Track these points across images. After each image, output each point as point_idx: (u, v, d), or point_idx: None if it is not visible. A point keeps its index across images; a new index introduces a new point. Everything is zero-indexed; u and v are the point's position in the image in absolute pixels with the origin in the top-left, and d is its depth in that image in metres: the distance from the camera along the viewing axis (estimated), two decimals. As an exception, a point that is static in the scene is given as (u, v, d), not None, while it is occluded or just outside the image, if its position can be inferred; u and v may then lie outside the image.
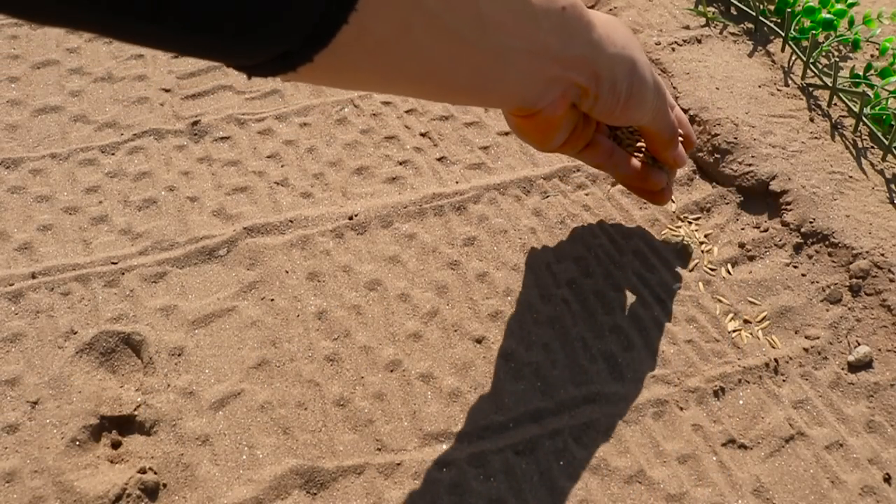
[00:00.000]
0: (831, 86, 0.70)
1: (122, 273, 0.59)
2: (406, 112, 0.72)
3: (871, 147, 0.68)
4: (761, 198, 0.64)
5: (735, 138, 0.66)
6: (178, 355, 0.55)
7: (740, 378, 0.54)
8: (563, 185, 0.66)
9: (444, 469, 0.50)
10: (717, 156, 0.66)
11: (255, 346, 0.55)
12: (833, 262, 0.59)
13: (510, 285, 0.59)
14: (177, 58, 0.77)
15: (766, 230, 0.62)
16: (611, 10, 0.79)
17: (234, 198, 0.65)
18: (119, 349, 0.55)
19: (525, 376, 0.54)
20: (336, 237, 0.62)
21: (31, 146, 0.69)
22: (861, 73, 0.74)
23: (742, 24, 0.80)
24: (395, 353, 0.55)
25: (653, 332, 0.57)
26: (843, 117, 0.71)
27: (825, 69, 0.75)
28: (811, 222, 0.61)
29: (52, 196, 0.65)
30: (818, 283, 0.59)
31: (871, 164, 0.67)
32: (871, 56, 0.78)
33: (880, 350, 0.55)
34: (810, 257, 0.60)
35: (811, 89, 0.73)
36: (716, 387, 0.53)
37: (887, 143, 0.67)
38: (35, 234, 0.62)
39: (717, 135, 0.66)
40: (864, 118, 0.69)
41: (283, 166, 0.67)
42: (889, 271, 0.57)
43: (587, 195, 0.65)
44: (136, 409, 0.52)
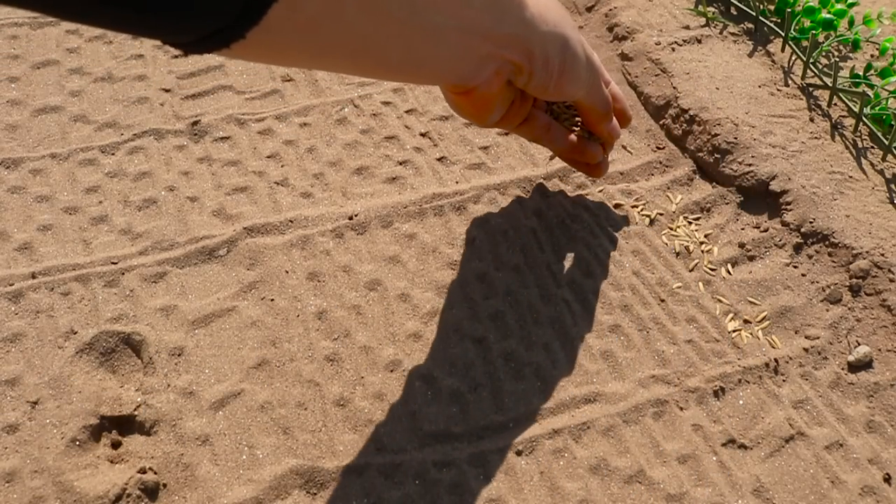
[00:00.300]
0: (831, 86, 0.70)
1: (122, 273, 0.59)
2: (406, 112, 0.72)
3: (871, 147, 0.68)
4: (761, 198, 0.64)
5: (735, 138, 0.66)
6: (178, 355, 0.55)
7: (740, 378, 0.54)
8: (563, 184, 0.66)
9: (444, 469, 0.50)
10: (717, 156, 0.66)
11: (255, 346, 0.55)
12: (833, 262, 0.59)
13: (509, 286, 0.59)
14: (177, 58, 0.77)
15: (766, 230, 0.62)
16: (611, 9, 0.79)
17: (234, 198, 0.65)
18: (119, 349, 0.55)
19: (525, 376, 0.54)
20: (336, 237, 0.62)
21: (31, 146, 0.69)
22: (861, 73, 0.74)
23: (742, 24, 0.80)
24: (395, 353, 0.55)
25: (653, 332, 0.57)
26: (843, 117, 0.71)
27: (825, 69, 0.75)
28: (811, 222, 0.61)
29: (52, 196, 0.65)
30: (818, 283, 0.59)
31: (871, 164, 0.67)
32: (871, 56, 0.78)
33: (880, 350, 0.55)
34: (810, 257, 0.60)
35: (811, 89, 0.73)
36: (716, 387, 0.53)
37: (887, 143, 0.67)
38: (35, 234, 0.62)
39: (717, 135, 0.66)
40: (864, 118, 0.69)
41: (283, 166, 0.67)
42: (889, 271, 0.57)
43: (587, 195, 0.65)
44: (136, 409, 0.52)
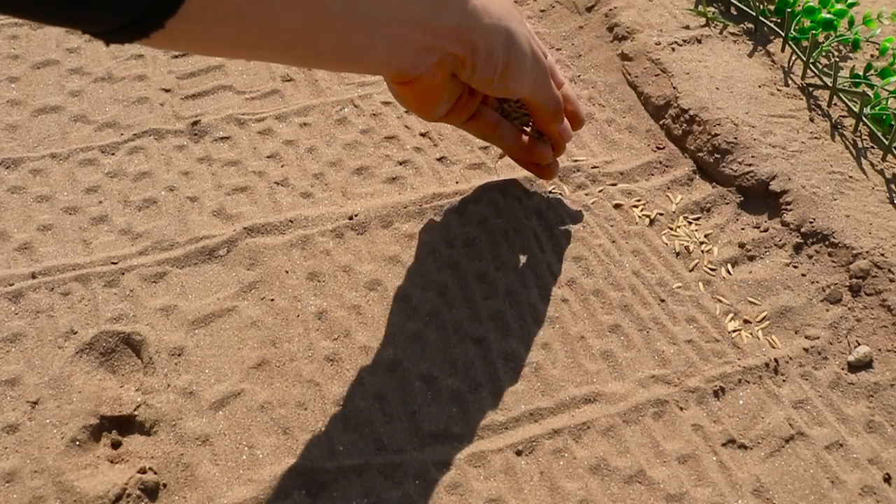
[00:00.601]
0: (831, 86, 0.70)
1: (122, 273, 0.59)
2: (406, 112, 0.72)
3: (871, 147, 0.68)
4: (761, 198, 0.64)
5: (735, 138, 0.66)
6: (178, 355, 0.55)
7: (740, 378, 0.54)
8: (564, 184, 0.66)
9: (444, 469, 0.50)
10: (717, 156, 0.66)
11: (255, 346, 0.55)
12: (833, 262, 0.59)
13: (509, 286, 0.59)
14: (177, 57, 0.77)
15: (766, 230, 0.62)
16: (611, 9, 0.79)
17: (234, 198, 0.65)
18: (119, 349, 0.55)
19: (525, 376, 0.54)
20: (336, 237, 0.62)
21: (31, 146, 0.69)
22: (861, 73, 0.74)
23: (742, 24, 0.80)
24: (395, 353, 0.55)
25: (653, 332, 0.57)
26: (843, 117, 0.71)
27: (825, 69, 0.75)
28: (811, 222, 0.61)
29: (52, 196, 0.65)
30: (818, 283, 0.59)
31: (871, 164, 0.67)
32: (871, 56, 0.78)
33: (880, 350, 0.55)
34: (810, 257, 0.60)
35: (811, 89, 0.73)
36: (716, 387, 0.53)
37: (887, 143, 0.67)
38: (35, 234, 0.62)
39: (717, 135, 0.66)
40: (864, 118, 0.69)
41: (283, 166, 0.67)
42: (889, 271, 0.57)
43: (587, 195, 0.65)
44: (136, 409, 0.52)
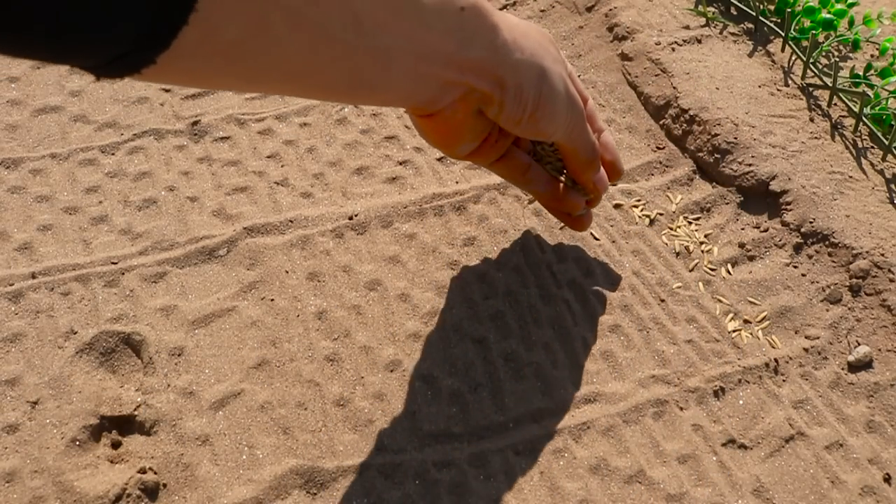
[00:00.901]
0: (831, 86, 0.70)
1: (122, 273, 0.59)
2: (406, 112, 0.72)
3: (871, 147, 0.68)
4: (761, 198, 0.64)
5: (735, 138, 0.66)
6: (178, 355, 0.55)
7: (740, 378, 0.54)
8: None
9: (444, 469, 0.50)
10: (717, 156, 0.66)
11: (255, 346, 0.55)
12: (833, 262, 0.59)
13: (509, 286, 0.59)
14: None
15: (766, 230, 0.62)
16: (611, 9, 0.79)
17: (234, 198, 0.65)
18: (119, 349, 0.55)
19: (525, 376, 0.54)
20: (336, 237, 0.62)
21: (31, 146, 0.69)
22: (861, 73, 0.74)
23: (742, 24, 0.80)
24: (395, 353, 0.55)
25: (653, 332, 0.57)
26: (843, 117, 0.71)
27: (825, 69, 0.75)
28: (811, 222, 0.61)
29: (52, 196, 0.65)
30: (818, 283, 0.59)
31: (871, 164, 0.67)
32: (871, 56, 0.78)
33: (880, 350, 0.55)
34: (810, 257, 0.60)
35: (811, 89, 0.73)
36: (716, 387, 0.53)
37: (887, 143, 0.67)
38: (35, 234, 0.62)
39: (717, 135, 0.66)
40: (864, 118, 0.69)
41: (283, 166, 0.67)
42: (889, 271, 0.57)
43: (587, 195, 0.65)
44: (136, 409, 0.52)
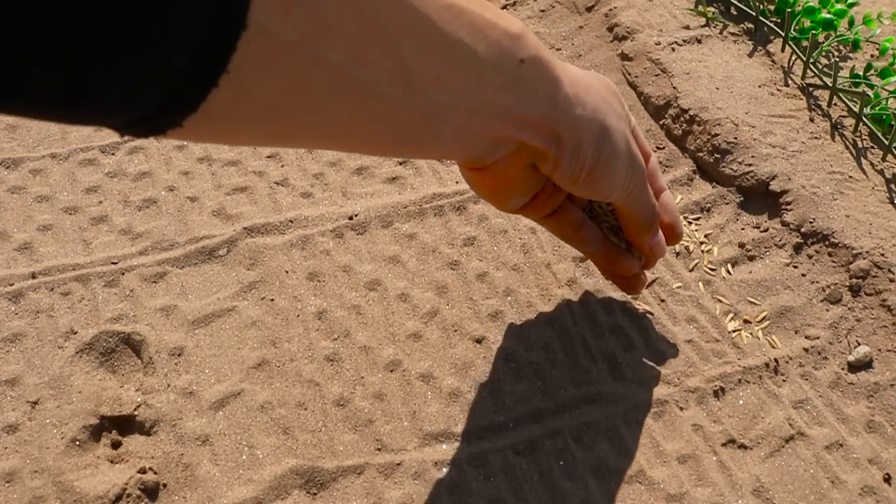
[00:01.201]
0: (831, 86, 0.70)
1: (122, 273, 0.59)
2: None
3: (871, 147, 0.68)
4: (761, 198, 0.64)
5: (735, 138, 0.66)
6: (178, 355, 0.55)
7: (740, 378, 0.54)
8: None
9: (444, 469, 0.50)
10: (717, 156, 0.66)
11: (255, 346, 0.55)
12: (833, 262, 0.59)
13: (510, 285, 0.59)
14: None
15: (766, 230, 0.62)
16: (611, 9, 0.79)
17: (234, 198, 0.65)
18: (119, 349, 0.55)
19: (525, 376, 0.54)
20: (336, 237, 0.62)
21: (31, 146, 0.69)
22: (861, 73, 0.74)
23: (742, 24, 0.80)
24: (395, 353, 0.55)
25: (653, 332, 0.57)
26: (843, 117, 0.71)
27: (825, 69, 0.75)
28: (811, 222, 0.61)
29: (52, 196, 0.65)
30: (818, 283, 0.59)
31: (871, 164, 0.67)
32: (871, 56, 0.78)
33: (880, 350, 0.55)
34: (810, 257, 0.60)
35: (811, 89, 0.73)
36: (716, 387, 0.53)
37: (887, 143, 0.67)
38: (35, 234, 0.62)
39: (717, 135, 0.66)
40: (864, 118, 0.69)
41: (283, 166, 0.67)
42: (889, 271, 0.57)
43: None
44: (136, 409, 0.52)
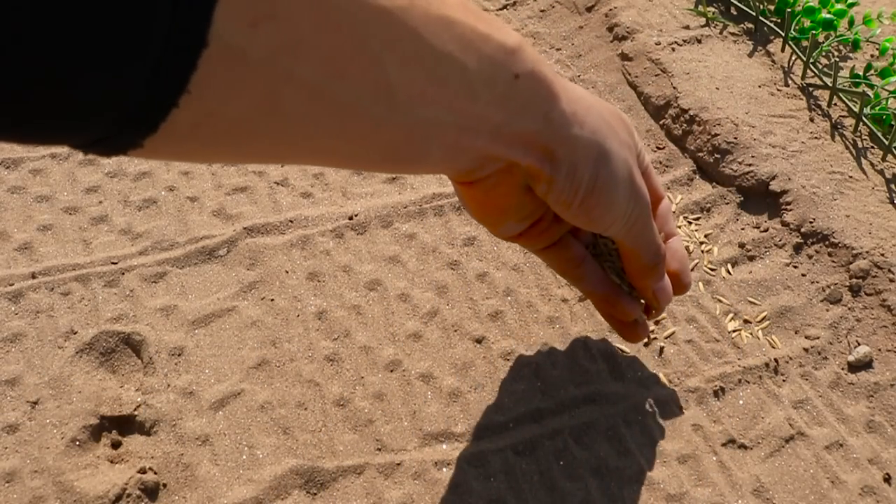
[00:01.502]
0: (831, 86, 0.70)
1: (122, 273, 0.59)
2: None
3: (871, 147, 0.68)
4: (761, 198, 0.64)
5: (735, 138, 0.66)
6: (178, 355, 0.55)
7: (740, 378, 0.54)
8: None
9: (444, 469, 0.50)
10: (717, 156, 0.66)
11: (255, 346, 0.55)
12: (833, 262, 0.59)
13: (510, 285, 0.59)
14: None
15: (766, 230, 0.62)
16: (611, 9, 0.79)
17: (234, 198, 0.65)
18: (119, 349, 0.55)
19: (525, 376, 0.54)
20: (336, 237, 0.62)
21: (30, 146, 0.69)
22: (861, 73, 0.74)
23: (742, 24, 0.80)
24: (395, 353, 0.55)
25: (652, 332, 0.56)
26: (843, 117, 0.71)
27: (825, 69, 0.75)
28: (811, 222, 0.61)
29: (52, 196, 0.65)
30: (818, 283, 0.59)
31: (871, 164, 0.67)
32: (871, 56, 0.78)
33: (880, 350, 0.55)
34: (810, 257, 0.60)
35: (811, 89, 0.73)
36: (716, 387, 0.53)
37: (887, 143, 0.67)
38: (35, 234, 0.62)
39: (717, 135, 0.66)
40: (864, 118, 0.69)
41: (282, 166, 0.67)
42: (889, 271, 0.57)
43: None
44: (136, 409, 0.52)
